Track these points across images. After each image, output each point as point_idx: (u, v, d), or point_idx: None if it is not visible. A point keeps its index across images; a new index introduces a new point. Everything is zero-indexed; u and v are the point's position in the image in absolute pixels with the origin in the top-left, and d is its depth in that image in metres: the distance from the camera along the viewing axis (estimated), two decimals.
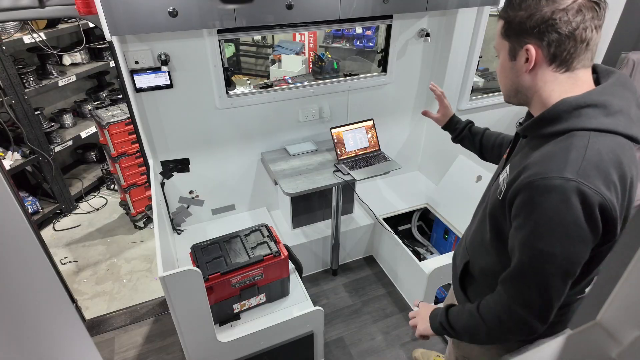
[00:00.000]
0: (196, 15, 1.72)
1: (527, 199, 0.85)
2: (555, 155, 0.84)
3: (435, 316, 1.18)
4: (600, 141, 0.82)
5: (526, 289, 0.91)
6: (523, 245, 0.88)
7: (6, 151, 2.98)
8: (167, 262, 1.70)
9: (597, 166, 0.81)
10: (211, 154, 2.45)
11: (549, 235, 0.84)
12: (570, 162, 0.81)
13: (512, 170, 0.95)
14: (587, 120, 0.84)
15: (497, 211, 0.98)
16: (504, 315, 0.96)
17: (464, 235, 1.30)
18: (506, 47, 0.93)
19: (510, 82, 0.97)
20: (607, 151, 0.82)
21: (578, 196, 0.80)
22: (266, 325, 1.83)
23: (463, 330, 1.08)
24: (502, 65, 0.98)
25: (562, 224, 0.82)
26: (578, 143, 0.83)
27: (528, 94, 0.95)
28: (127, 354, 2.28)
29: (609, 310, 0.55)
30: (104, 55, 3.68)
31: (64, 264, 2.94)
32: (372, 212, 2.73)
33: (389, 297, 2.61)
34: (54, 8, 1.64)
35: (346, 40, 4.99)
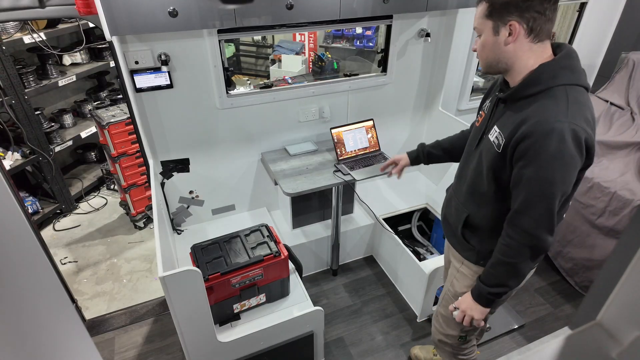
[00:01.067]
0: (196, 15, 1.72)
1: (533, 141, 1.09)
2: (547, 107, 1.10)
3: (480, 295, 1.33)
4: (573, 92, 1.11)
5: (537, 214, 1.15)
6: (530, 179, 1.12)
7: (6, 151, 2.98)
8: (167, 262, 1.70)
9: (578, 110, 1.09)
10: (211, 154, 2.45)
11: (552, 166, 1.09)
12: (561, 110, 1.09)
13: (505, 127, 1.18)
14: (561, 78, 1.12)
15: (496, 163, 1.21)
16: (526, 242, 1.18)
17: (450, 196, 1.53)
18: (489, 25, 1.16)
19: (493, 54, 1.19)
20: (580, 99, 1.11)
21: (571, 133, 1.06)
22: (266, 325, 1.83)
23: (507, 280, 1.27)
24: (485, 41, 1.19)
25: (561, 156, 1.07)
26: (560, 95, 1.11)
27: (509, 62, 1.18)
28: (127, 354, 2.28)
29: (609, 310, 0.55)
30: (104, 55, 3.68)
31: (64, 264, 2.94)
32: (372, 212, 2.73)
33: (389, 297, 2.60)
34: (54, 8, 1.65)
35: (346, 40, 4.99)
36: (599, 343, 0.55)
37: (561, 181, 1.11)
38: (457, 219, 1.44)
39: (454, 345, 1.68)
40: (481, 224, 1.36)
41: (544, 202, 1.13)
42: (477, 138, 1.36)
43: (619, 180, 2.38)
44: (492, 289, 1.29)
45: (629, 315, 0.52)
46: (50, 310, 0.57)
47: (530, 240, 1.18)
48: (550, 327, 2.43)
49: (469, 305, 1.36)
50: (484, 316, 1.35)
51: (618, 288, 0.53)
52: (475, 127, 1.43)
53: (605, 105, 2.92)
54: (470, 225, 1.40)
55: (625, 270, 0.52)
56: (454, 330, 1.62)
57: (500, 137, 1.19)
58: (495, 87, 1.39)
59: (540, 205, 1.14)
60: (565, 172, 1.10)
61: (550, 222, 1.16)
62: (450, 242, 1.56)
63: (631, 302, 0.52)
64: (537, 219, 1.15)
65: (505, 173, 1.21)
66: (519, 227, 1.19)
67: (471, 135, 1.45)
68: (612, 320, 0.55)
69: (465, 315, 1.37)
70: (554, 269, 2.76)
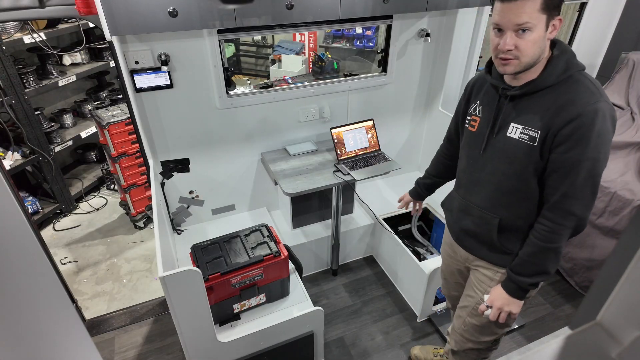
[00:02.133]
0: (196, 15, 1.72)
1: (580, 123, 1.11)
2: (580, 91, 1.14)
3: (518, 289, 1.31)
4: (587, 75, 1.18)
5: (587, 195, 1.17)
6: (578, 161, 1.14)
7: (6, 151, 2.98)
8: (167, 262, 1.70)
9: (601, 89, 1.16)
10: (211, 154, 2.45)
11: (598, 145, 1.12)
12: (594, 92, 1.14)
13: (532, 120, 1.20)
14: (574, 66, 1.18)
15: (533, 157, 1.21)
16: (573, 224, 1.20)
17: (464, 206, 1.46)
18: (543, 20, 1.11)
19: (540, 51, 1.16)
20: (594, 80, 1.17)
21: (609, 111, 1.13)
22: (266, 325, 1.83)
23: (548, 266, 1.27)
24: (537, 37, 1.13)
25: (605, 133, 1.12)
26: (585, 78, 1.17)
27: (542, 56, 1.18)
28: (127, 354, 2.28)
29: (609, 310, 0.55)
30: (104, 55, 3.68)
31: (64, 264, 2.94)
32: (372, 212, 2.73)
33: (389, 297, 2.61)
34: (54, 8, 1.64)
35: (346, 40, 4.99)
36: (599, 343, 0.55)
37: (605, 158, 1.15)
38: (488, 227, 1.38)
39: (484, 350, 1.62)
40: (517, 224, 1.34)
41: (592, 182, 1.16)
42: (482, 141, 1.33)
43: (619, 180, 2.38)
44: (532, 278, 1.27)
45: (629, 315, 0.52)
46: (50, 310, 0.57)
47: (577, 223, 1.20)
48: (550, 327, 2.43)
49: (505, 302, 1.33)
50: (520, 310, 1.34)
51: (618, 288, 0.53)
52: (470, 132, 1.39)
53: None
54: (506, 229, 1.36)
55: (625, 270, 0.52)
56: (489, 336, 1.55)
57: (531, 130, 1.20)
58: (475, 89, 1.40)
59: (589, 186, 1.16)
60: (607, 148, 1.15)
61: (594, 201, 1.19)
62: (479, 255, 1.47)
63: (631, 302, 0.52)
64: (587, 201, 1.18)
65: (542, 164, 1.22)
66: (567, 212, 1.19)
67: (469, 141, 1.40)
68: (612, 320, 0.55)
69: (501, 312, 1.34)
70: None
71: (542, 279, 1.29)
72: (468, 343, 1.62)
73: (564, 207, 1.20)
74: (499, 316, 1.35)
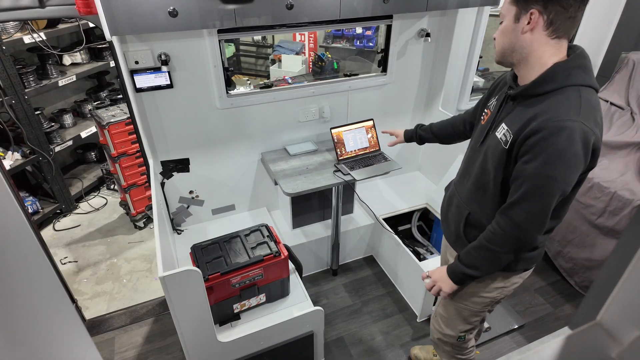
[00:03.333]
0: (196, 15, 1.72)
1: (541, 137, 1.09)
2: (560, 104, 1.10)
3: (454, 272, 1.37)
4: (585, 93, 1.11)
5: (531, 208, 1.16)
6: (532, 173, 1.12)
7: (6, 151, 2.98)
8: (167, 262, 1.70)
9: (589, 110, 1.09)
10: (211, 154, 2.45)
11: (556, 163, 1.09)
12: (573, 108, 1.08)
13: (514, 124, 1.18)
14: (575, 78, 1.12)
15: (502, 160, 1.21)
16: (514, 234, 1.20)
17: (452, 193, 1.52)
18: (512, 12, 1.14)
19: (509, 42, 1.18)
20: (591, 100, 1.11)
21: (580, 133, 1.06)
22: (266, 325, 1.83)
23: (483, 265, 1.30)
24: (505, 27, 1.18)
25: (567, 154, 1.07)
26: (573, 94, 1.11)
27: (523, 52, 1.17)
28: (127, 354, 2.28)
29: (609, 310, 0.55)
30: (104, 55, 3.68)
31: (64, 264, 2.94)
32: (372, 212, 2.73)
33: (389, 297, 2.61)
34: (54, 8, 1.64)
35: (346, 40, 4.99)
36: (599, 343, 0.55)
37: (562, 179, 1.11)
38: (459, 217, 1.44)
39: (453, 344, 1.68)
40: (482, 222, 1.36)
41: (542, 198, 1.14)
42: (482, 135, 1.35)
43: (619, 180, 2.38)
44: (467, 269, 1.32)
45: (629, 315, 0.52)
46: (50, 310, 0.57)
47: (518, 233, 1.20)
48: (550, 327, 2.43)
49: (440, 277, 1.41)
50: (451, 291, 1.40)
51: (618, 288, 0.53)
52: (480, 124, 1.42)
53: (605, 105, 2.92)
54: (472, 223, 1.40)
55: (625, 270, 0.52)
56: (453, 330, 1.62)
57: (508, 133, 1.19)
58: (500, 84, 1.39)
59: (536, 200, 1.15)
60: (568, 171, 1.10)
61: (543, 219, 1.17)
62: (449, 241, 1.56)
63: (631, 302, 0.52)
64: (530, 213, 1.16)
65: (509, 170, 1.22)
66: (509, 218, 1.20)
67: (476, 133, 1.44)
68: (612, 320, 0.55)
69: (434, 285, 1.43)
70: (554, 269, 2.76)
71: (475, 274, 1.33)
72: (437, 333, 1.71)
73: (509, 214, 1.20)
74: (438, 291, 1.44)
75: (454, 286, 1.39)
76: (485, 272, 1.33)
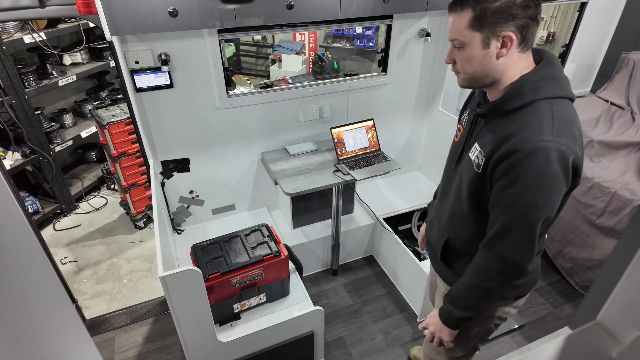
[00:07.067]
0: (196, 15, 1.72)
1: (514, 161, 0.99)
2: (531, 123, 0.99)
3: (449, 319, 1.24)
4: (558, 106, 1.00)
5: (517, 239, 1.06)
6: (511, 202, 1.03)
7: (6, 151, 2.98)
8: (167, 262, 1.70)
9: (564, 126, 0.99)
10: (211, 154, 2.45)
11: (534, 188, 0.99)
12: (545, 127, 0.97)
13: (485, 145, 1.09)
14: (545, 91, 1.01)
15: (477, 184, 1.11)
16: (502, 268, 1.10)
17: (433, 217, 1.43)
18: (478, 38, 1.01)
19: (481, 69, 1.06)
20: (566, 114, 1.01)
21: (557, 153, 0.96)
22: (266, 325, 1.83)
23: (478, 303, 1.19)
24: (472, 55, 1.04)
25: (546, 178, 0.98)
26: (544, 109, 1.00)
27: (497, 75, 1.06)
28: (127, 353, 2.28)
29: (609, 310, 0.55)
30: (104, 55, 3.68)
31: (64, 264, 2.94)
32: (372, 212, 2.73)
33: (389, 297, 2.61)
34: (54, 8, 1.64)
35: (346, 40, 4.99)
36: (599, 343, 0.55)
37: (544, 205, 1.01)
38: (438, 243, 1.35)
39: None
40: (463, 248, 1.27)
41: (525, 227, 1.04)
42: (456, 155, 1.26)
43: (619, 180, 2.38)
44: (462, 312, 1.20)
45: (629, 315, 0.52)
46: (50, 310, 0.57)
47: (507, 266, 1.10)
48: (550, 327, 2.43)
49: (437, 327, 1.28)
50: (453, 337, 1.28)
51: (618, 288, 0.53)
52: (454, 142, 1.32)
53: (606, 105, 2.92)
54: (451, 250, 1.32)
55: (625, 270, 0.52)
56: (444, 357, 1.51)
57: (481, 155, 1.09)
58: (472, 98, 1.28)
59: (521, 230, 1.05)
60: (550, 195, 1.01)
61: (530, 248, 1.07)
62: (433, 266, 1.47)
63: (631, 302, 0.52)
64: (517, 244, 1.07)
65: (485, 195, 1.11)
66: (496, 253, 1.10)
67: (450, 152, 1.35)
68: (612, 320, 0.55)
69: (434, 336, 1.30)
70: (554, 269, 2.76)
71: (471, 315, 1.20)
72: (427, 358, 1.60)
73: (494, 248, 1.10)
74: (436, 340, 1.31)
75: (454, 332, 1.27)
76: (481, 310, 1.22)
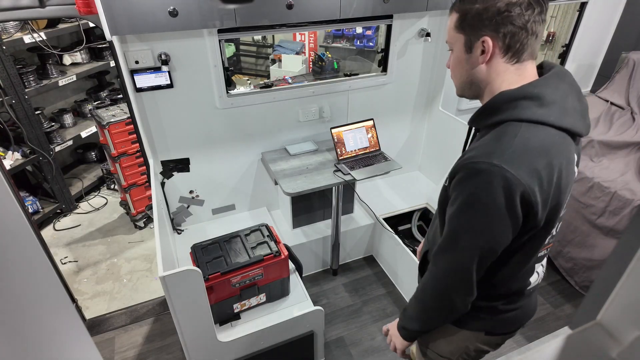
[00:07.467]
0: (196, 15, 1.72)
1: (459, 178, 0.91)
2: (489, 142, 0.90)
3: (398, 326, 1.20)
4: (530, 131, 0.88)
5: (451, 260, 0.97)
6: (449, 218, 0.95)
7: (6, 151, 2.98)
8: (167, 262, 1.70)
9: (522, 154, 0.86)
10: (211, 153, 2.45)
11: (470, 211, 0.91)
12: (498, 149, 0.87)
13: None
14: (522, 111, 0.89)
15: (443, 197, 1.03)
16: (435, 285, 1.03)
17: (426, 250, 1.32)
18: (462, 40, 0.95)
19: (466, 75, 0.99)
20: (535, 141, 0.87)
21: (501, 181, 0.85)
22: (266, 325, 1.83)
23: (415, 317, 1.12)
24: (457, 58, 0.99)
25: (483, 203, 0.88)
26: (510, 132, 0.88)
27: (481, 85, 0.98)
28: (127, 353, 2.28)
29: (609, 310, 0.55)
30: (104, 55, 3.68)
31: (64, 264, 2.94)
32: (372, 212, 2.73)
33: (389, 297, 2.61)
34: (54, 8, 1.64)
35: (346, 40, 4.99)
36: (599, 343, 0.55)
37: (481, 233, 0.91)
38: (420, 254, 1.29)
39: None
40: None
41: (462, 252, 0.95)
42: None
43: (619, 180, 2.38)
44: (406, 322, 1.16)
45: (629, 315, 0.52)
46: (50, 310, 0.57)
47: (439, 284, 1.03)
48: (550, 327, 2.43)
49: (393, 332, 1.24)
50: (404, 348, 1.22)
51: (618, 288, 0.53)
52: None
53: (606, 105, 2.92)
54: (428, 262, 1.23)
55: (625, 270, 0.52)
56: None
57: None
58: None
59: (454, 252, 0.96)
60: (488, 224, 0.90)
61: (464, 278, 0.96)
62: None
63: (631, 302, 0.52)
64: (450, 265, 0.98)
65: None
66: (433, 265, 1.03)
67: None
68: (612, 320, 0.55)
69: (391, 340, 1.26)
70: (554, 269, 2.76)
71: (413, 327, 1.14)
72: None
73: (433, 260, 1.04)
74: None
75: (404, 342, 1.20)
76: (425, 326, 1.13)
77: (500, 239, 0.92)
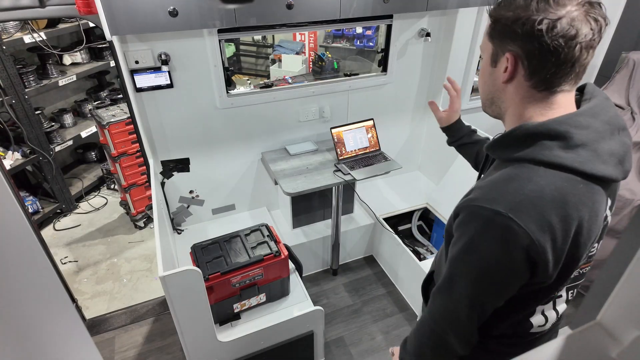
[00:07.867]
0: (196, 15, 1.72)
1: (461, 220, 0.81)
2: (497, 184, 0.77)
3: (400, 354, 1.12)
4: (548, 177, 0.74)
5: (447, 304, 0.88)
6: (450, 259, 0.86)
7: (6, 151, 2.98)
8: (168, 262, 1.70)
9: (534, 204, 0.72)
10: (211, 153, 2.45)
11: (467, 259, 0.81)
12: (506, 195, 0.74)
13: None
14: (542, 152, 0.75)
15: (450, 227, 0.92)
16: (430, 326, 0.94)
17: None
18: (489, 50, 0.83)
19: (488, 90, 0.87)
20: (552, 189, 0.73)
21: (504, 232, 0.73)
22: (266, 325, 1.83)
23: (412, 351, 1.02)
24: (483, 69, 0.88)
25: (480, 254, 0.78)
26: (524, 175, 0.75)
27: (502, 106, 0.85)
28: (127, 353, 2.28)
29: (609, 310, 0.55)
30: (104, 55, 3.68)
31: (64, 264, 2.94)
32: (372, 212, 2.73)
33: (389, 297, 2.61)
34: (54, 8, 1.64)
35: (346, 40, 4.99)
36: (599, 343, 0.55)
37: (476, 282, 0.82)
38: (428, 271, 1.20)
39: None
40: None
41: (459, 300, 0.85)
42: None
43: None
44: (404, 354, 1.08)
45: (629, 315, 0.52)
46: (50, 310, 0.57)
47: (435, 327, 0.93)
48: None
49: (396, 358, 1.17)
50: None
51: (618, 288, 0.53)
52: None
53: None
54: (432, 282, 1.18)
55: (625, 270, 0.52)
56: None
57: None
58: None
59: (451, 297, 0.87)
60: (487, 277, 0.80)
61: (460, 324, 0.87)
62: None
63: (631, 302, 0.52)
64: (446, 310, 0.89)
65: None
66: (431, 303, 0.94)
67: None
68: (612, 320, 0.55)
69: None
70: None
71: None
72: None
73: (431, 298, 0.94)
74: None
75: None
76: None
77: (500, 292, 0.83)
